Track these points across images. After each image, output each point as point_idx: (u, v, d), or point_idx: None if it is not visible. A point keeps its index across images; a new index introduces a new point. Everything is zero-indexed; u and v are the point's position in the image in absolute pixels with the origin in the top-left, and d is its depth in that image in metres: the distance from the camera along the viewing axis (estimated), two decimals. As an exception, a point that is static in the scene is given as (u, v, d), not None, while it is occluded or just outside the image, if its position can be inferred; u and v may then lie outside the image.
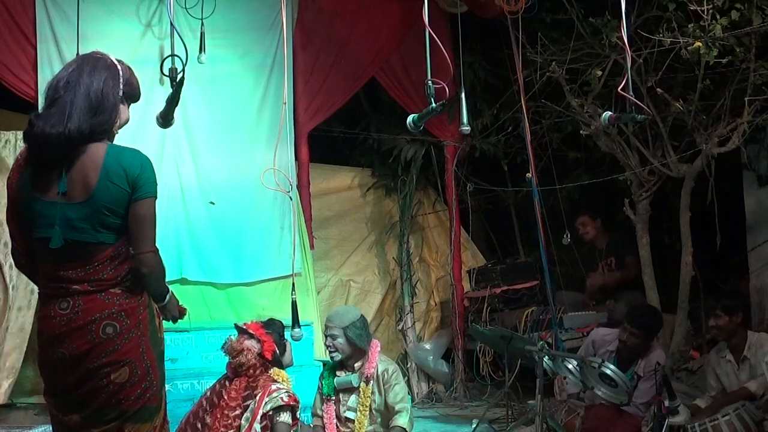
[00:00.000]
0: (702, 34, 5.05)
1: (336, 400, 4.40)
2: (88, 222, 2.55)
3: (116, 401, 2.60)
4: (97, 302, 2.59)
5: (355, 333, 4.33)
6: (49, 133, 2.50)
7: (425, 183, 7.62)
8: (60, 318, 2.58)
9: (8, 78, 5.52)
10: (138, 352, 2.63)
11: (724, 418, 4.32)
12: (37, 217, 2.59)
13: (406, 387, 4.49)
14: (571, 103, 5.96)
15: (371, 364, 4.35)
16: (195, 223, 6.04)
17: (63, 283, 2.59)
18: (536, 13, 5.66)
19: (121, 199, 2.57)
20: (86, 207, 2.55)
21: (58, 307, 2.59)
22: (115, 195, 2.56)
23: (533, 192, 5.75)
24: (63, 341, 2.59)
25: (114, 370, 2.58)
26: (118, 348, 2.59)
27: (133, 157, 2.62)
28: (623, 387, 4.30)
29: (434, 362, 6.96)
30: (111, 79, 2.65)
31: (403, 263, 7.18)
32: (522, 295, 6.74)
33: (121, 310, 2.61)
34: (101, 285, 2.60)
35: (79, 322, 2.57)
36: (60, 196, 2.55)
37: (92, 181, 2.55)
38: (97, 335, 2.57)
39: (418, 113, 3.35)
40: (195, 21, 5.94)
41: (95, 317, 2.57)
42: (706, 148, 5.63)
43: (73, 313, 2.57)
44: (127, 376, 2.60)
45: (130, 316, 2.62)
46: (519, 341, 5.12)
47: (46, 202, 2.57)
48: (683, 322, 5.96)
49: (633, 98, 3.47)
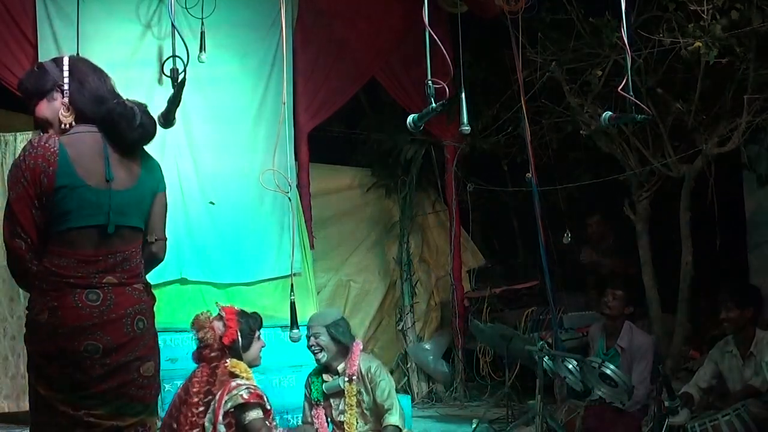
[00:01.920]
0: (702, 34, 5.05)
1: (327, 406, 4.40)
2: (135, 207, 2.70)
3: (143, 395, 2.67)
4: (127, 296, 2.64)
5: (338, 331, 4.33)
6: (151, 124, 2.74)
7: (425, 183, 7.63)
8: (90, 309, 2.57)
9: (8, 78, 5.52)
10: (156, 348, 2.76)
11: (724, 418, 4.30)
12: (85, 205, 2.59)
13: (391, 381, 4.43)
14: (571, 103, 5.96)
15: (353, 362, 4.33)
16: (195, 223, 6.05)
17: (96, 272, 2.60)
18: (536, 13, 5.67)
19: (154, 189, 2.77)
20: (133, 194, 2.68)
21: (85, 297, 2.58)
22: (151, 185, 2.76)
23: (533, 192, 5.75)
24: (94, 333, 2.57)
25: (142, 363, 2.66)
26: (146, 343, 2.69)
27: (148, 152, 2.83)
28: (623, 387, 4.30)
29: (434, 362, 6.96)
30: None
31: (403, 263, 7.19)
32: (522, 295, 6.75)
33: (147, 306, 2.72)
34: (128, 276, 2.66)
35: (112, 315, 2.59)
36: (108, 184, 2.63)
37: (136, 170, 2.70)
38: (132, 329, 2.63)
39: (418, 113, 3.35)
40: (195, 21, 5.94)
41: (128, 311, 2.63)
42: (706, 148, 5.63)
43: (105, 306, 2.59)
44: (152, 370, 2.70)
45: (150, 312, 2.74)
46: (519, 341, 5.13)
47: (95, 189, 2.60)
48: (683, 322, 5.96)
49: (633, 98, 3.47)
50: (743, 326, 4.64)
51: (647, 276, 6.12)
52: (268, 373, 5.30)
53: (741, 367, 4.66)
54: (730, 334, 4.74)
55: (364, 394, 4.32)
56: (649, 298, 6.05)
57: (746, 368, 4.63)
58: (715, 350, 4.86)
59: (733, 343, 4.71)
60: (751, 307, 4.64)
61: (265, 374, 5.28)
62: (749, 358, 4.62)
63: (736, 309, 4.62)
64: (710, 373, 4.79)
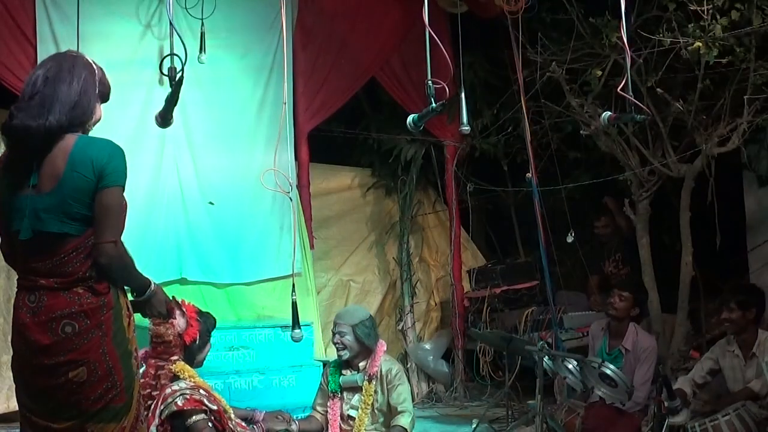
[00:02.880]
0: (702, 34, 5.05)
1: (340, 398, 4.41)
2: (54, 212, 2.57)
3: (75, 400, 2.61)
4: (59, 299, 2.60)
5: (364, 332, 4.36)
6: (29, 125, 2.55)
7: (425, 183, 7.62)
8: (27, 309, 2.63)
9: (8, 78, 5.51)
10: (98, 353, 2.62)
11: (724, 418, 4.30)
12: (11, 211, 2.63)
13: (409, 389, 4.50)
14: (571, 103, 5.96)
15: (375, 363, 4.37)
16: (195, 223, 6.04)
17: (32, 276, 2.63)
18: (536, 13, 5.66)
19: (85, 189, 2.58)
20: (53, 197, 2.58)
21: (27, 299, 2.64)
22: (79, 184, 2.57)
23: (533, 192, 5.75)
24: (26, 333, 2.62)
25: (72, 368, 2.59)
26: (76, 347, 2.60)
27: (101, 146, 2.63)
28: (623, 387, 4.30)
29: (434, 362, 6.96)
30: (89, 77, 2.70)
31: (403, 263, 7.18)
32: (522, 295, 6.74)
33: (82, 310, 2.61)
34: (66, 281, 2.60)
35: (42, 317, 2.60)
36: (31, 189, 2.60)
37: (59, 171, 2.58)
38: (56, 333, 2.59)
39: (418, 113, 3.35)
40: (195, 21, 5.93)
41: (56, 314, 2.59)
42: (706, 148, 5.62)
43: (37, 308, 2.61)
44: (85, 376, 2.59)
45: (91, 316, 2.62)
46: (519, 342, 5.13)
47: (19, 195, 2.62)
48: (683, 322, 5.95)
49: (633, 98, 3.47)
50: (745, 327, 4.62)
51: (647, 276, 6.12)
52: (268, 373, 5.30)
53: (743, 367, 4.64)
54: (732, 335, 4.73)
55: (379, 393, 4.36)
56: (649, 298, 6.05)
57: (748, 368, 4.62)
58: (717, 347, 4.83)
59: (736, 343, 4.70)
60: (753, 308, 4.62)
61: (265, 374, 5.28)
62: (751, 359, 4.61)
63: (738, 310, 4.60)
64: (707, 368, 4.77)
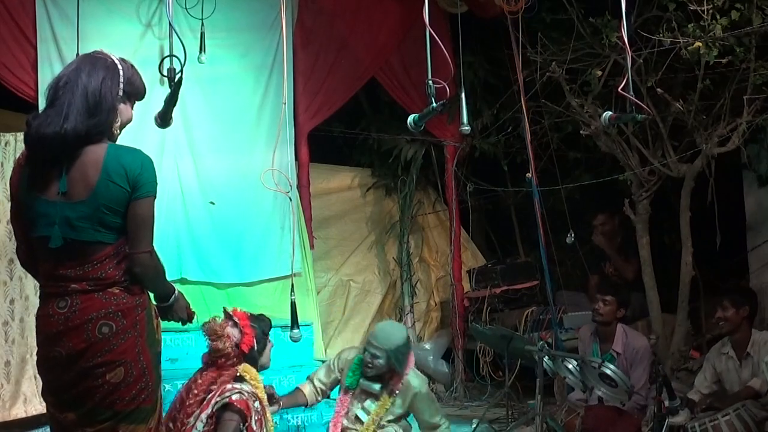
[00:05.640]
0: (702, 34, 5.05)
1: (353, 395, 4.36)
2: (88, 221, 2.57)
3: (110, 401, 2.61)
4: (94, 301, 2.59)
5: (398, 358, 4.20)
6: (45, 133, 2.54)
7: (425, 183, 7.63)
8: (58, 317, 2.60)
9: (8, 78, 5.52)
10: (134, 353, 2.63)
11: (724, 418, 4.31)
12: (36, 217, 2.61)
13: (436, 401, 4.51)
14: (571, 103, 5.96)
15: (400, 378, 4.27)
16: (195, 223, 6.04)
17: (62, 282, 2.61)
18: (536, 13, 5.66)
19: (121, 199, 2.59)
20: (86, 206, 2.57)
21: (56, 306, 2.61)
22: (115, 194, 2.58)
23: (533, 192, 5.75)
24: (60, 340, 2.60)
25: (109, 370, 2.59)
26: (114, 348, 2.60)
27: (133, 156, 2.64)
28: (623, 387, 4.30)
29: (434, 362, 6.96)
30: (109, 79, 2.67)
31: (403, 263, 7.19)
32: (522, 295, 6.75)
33: (118, 309, 2.61)
34: (99, 284, 2.61)
35: (76, 321, 2.58)
36: (60, 196, 2.57)
37: (92, 180, 2.56)
38: (93, 334, 2.58)
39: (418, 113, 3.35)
40: (195, 21, 5.94)
41: (92, 316, 2.58)
42: (706, 148, 5.62)
43: (71, 312, 2.59)
44: (122, 376, 2.60)
45: (127, 316, 2.63)
46: (519, 341, 5.13)
47: (46, 201, 2.59)
48: (683, 322, 5.95)
49: (633, 98, 3.47)
50: (739, 325, 4.66)
51: (647, 276, 6.12)
52: (267, 373, 5.30)
53: (738, 368, 4.67)
54: (727, 335, 4.76)
55: (398, 406, 4.30)
56: (649, 298, 6.05)
57: (743, 369, 4.64)
58: (712, 353, 4.89)
59: (730, 344, 4.73)
60: (746, 306, 4.66)
61: (265, 374, 5.26)
62: (746, 359, 4.64)
63: (731, 308, 4.65)
64: (710, 377, 4.80)
